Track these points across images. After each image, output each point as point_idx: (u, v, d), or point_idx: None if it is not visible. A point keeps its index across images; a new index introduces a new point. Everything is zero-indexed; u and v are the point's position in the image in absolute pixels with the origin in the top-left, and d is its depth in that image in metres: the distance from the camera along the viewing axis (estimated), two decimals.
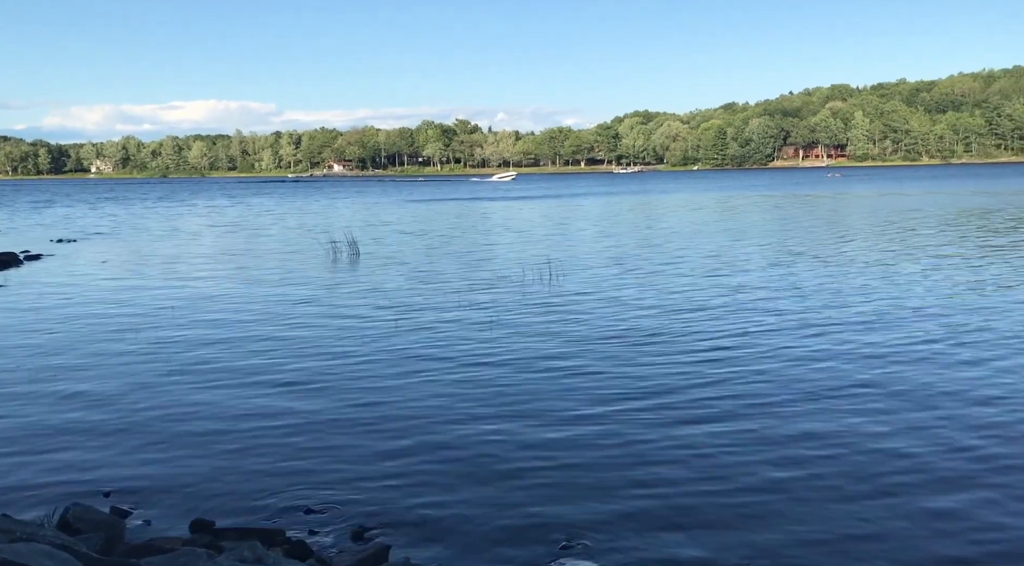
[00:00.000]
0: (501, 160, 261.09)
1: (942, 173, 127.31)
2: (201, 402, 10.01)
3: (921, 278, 18.86)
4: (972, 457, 7.66)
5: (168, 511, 6.90)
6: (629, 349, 12.29)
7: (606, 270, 21.60)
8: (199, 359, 12.25)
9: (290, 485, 7.37)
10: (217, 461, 8.01)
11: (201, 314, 16.16)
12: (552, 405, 9.58)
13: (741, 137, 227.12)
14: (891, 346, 12.09)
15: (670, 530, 6.34)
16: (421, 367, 11.48)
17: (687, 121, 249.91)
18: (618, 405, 9.51)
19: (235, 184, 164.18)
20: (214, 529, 6.39)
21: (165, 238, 36.78)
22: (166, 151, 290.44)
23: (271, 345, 13.13)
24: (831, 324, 13.75)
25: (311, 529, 6.48)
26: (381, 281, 20.37)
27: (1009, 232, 29.81)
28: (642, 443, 8.25)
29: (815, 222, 37.67)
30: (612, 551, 6.02)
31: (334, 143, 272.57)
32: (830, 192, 72.78)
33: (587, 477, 7.41)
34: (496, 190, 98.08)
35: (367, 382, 10.78)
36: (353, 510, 6.82)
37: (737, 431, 8.52)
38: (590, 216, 47.09)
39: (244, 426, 9.06)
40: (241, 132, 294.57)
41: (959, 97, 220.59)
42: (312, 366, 11.70)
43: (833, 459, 7.69)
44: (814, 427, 8.60)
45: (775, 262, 22.52)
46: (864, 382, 10.25)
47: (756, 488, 7.06)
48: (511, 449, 8.16)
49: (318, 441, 8.52)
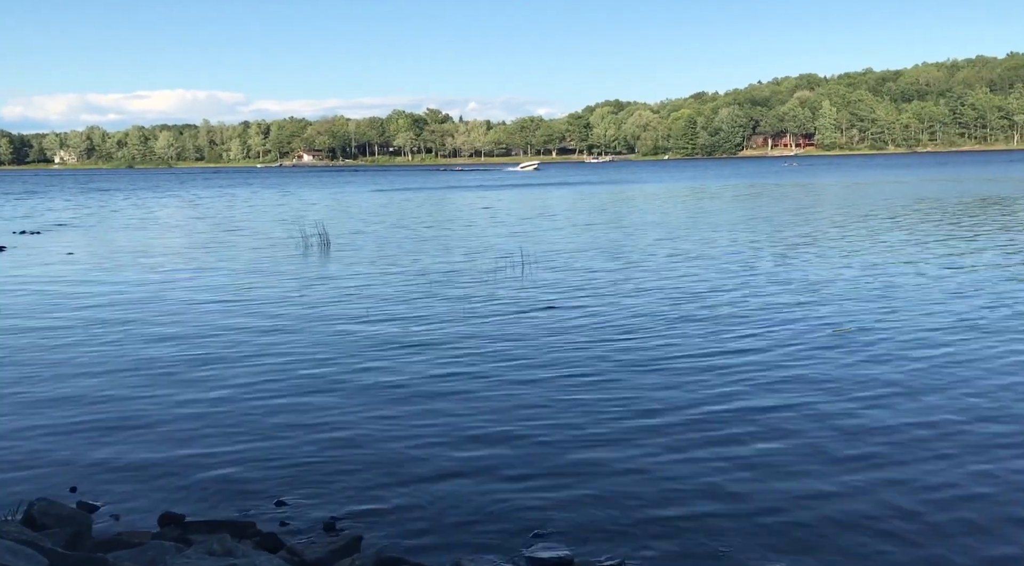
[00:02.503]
0: (473, 150, 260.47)
1: (898, 162, 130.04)
2: (169, 395, 9.89)
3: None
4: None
5: (137, 505, 6.82)
6: (602, 336, 12.36)
7: (589, 261, 21.67)
8: (165, 352, 12.10)
9: (261, 477, 7.32)
10: (187, 454, 7.93)
11: (166, 307, 15.96)
12: (522, 392, 9.60)
13: (711, 127, 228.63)
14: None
15: (644, 514, 6.39)
16: (393, 356, 11.45)
17: (658, 111, 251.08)
18: (591, 394, 9.55)
19: (203, 175, 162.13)
20: (183, 522, 6.33)
21: (132, 230, 36.25)
22: (132, 141, 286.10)
23: (240, 337, 13.00)
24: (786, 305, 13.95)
25: (282, 521, 6.44)
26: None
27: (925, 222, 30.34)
28: (616, 429, 8.29)
29: (778, 212, 38.10)
30: (585, 537, 6.05)
31: (303, 133, 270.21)
32: (789, 182, 73.68)
33: (560, 464, 7.44)
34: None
35: (337, 373, 10.72)
36: (325, 501, 6.80)
37: (707, 417, 8.60)
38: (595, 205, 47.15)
39: (213, 419, 8.98)
40: (209, 122, 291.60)
41: (924, 86, 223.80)
42: (282, 358, 11.62)
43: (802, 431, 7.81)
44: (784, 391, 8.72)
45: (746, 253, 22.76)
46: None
47: (727, 466, 7.14)
48: (482, 438, 8.17)
49: (289, 433, 8.47)
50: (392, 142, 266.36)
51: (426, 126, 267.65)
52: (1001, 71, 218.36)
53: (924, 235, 25.76)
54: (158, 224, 39.75)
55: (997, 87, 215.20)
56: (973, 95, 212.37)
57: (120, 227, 37.87)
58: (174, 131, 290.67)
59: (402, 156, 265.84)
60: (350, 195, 67.19)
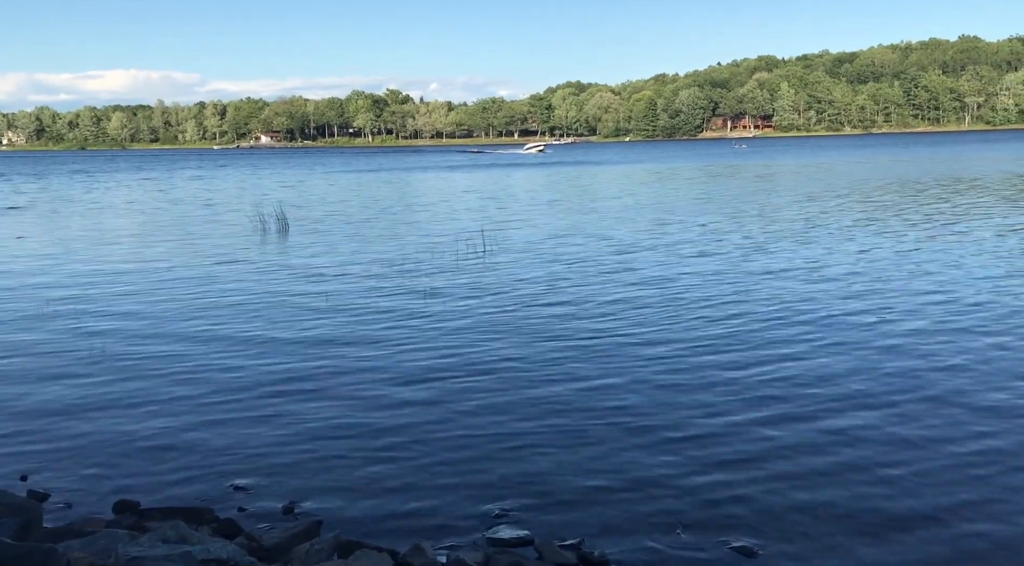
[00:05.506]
0: (434, 131, 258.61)
1: (848, 144, 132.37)
2: (124, 382, 9.71)
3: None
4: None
5: (91, 493, 6.70)
6: (556, 321, 12.40)
7: (545, 241, 21.70)
8: (119, 338, 11.87)
9: (219, 463, 7.23)
10: (142, 441, 7.80)
11: (120, 292, 15.64)
12: (480, 377, 9.60)
13: (671, 108, 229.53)
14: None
15: (604, 494, 6.43)
16: (350, 340, 11.37)
17: (618, 92, 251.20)
18: (556, 388, 9.58)
19: (158, 157, 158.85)
20: (139, 509, 6.24)
21: (86, 214, 35.41)
22: (84, 122, 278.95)
23: (195, 323, 12.81)
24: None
25: (240, 506, 6.38)
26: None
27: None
28: (570, 411, 8.34)
29: (737, 193, 38.48)
30: (544, 519, 6.08)
31: (261, 113, 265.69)
32: (739, 162, 74.58)
33: (521, 446, 7.45)
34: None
35: (297, 357, 10.62)
36: (283, 486, 6.74)
37: (668, 399, 8.69)
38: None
39: (170, 405, 8.84)
40: (164, 103, 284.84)
41: (879, 68, 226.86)
42: (238, 343, 11.46)
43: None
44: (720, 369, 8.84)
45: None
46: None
47: (682, 446, 7.22)
48: (442, 423, 8.15)
49: (247, 418, 8.37)
50: (352, 123, 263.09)
51: (387, 107, 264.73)
52: (953, 54, 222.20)
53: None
54: (112, 208, 38.88)
55: (949, 69, 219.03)
56: (926, 77, 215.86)
57: (77, 212, 36.95)
58: (128, 112, 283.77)
59: (362, 137, 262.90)
60: (352, 176, 66.37)
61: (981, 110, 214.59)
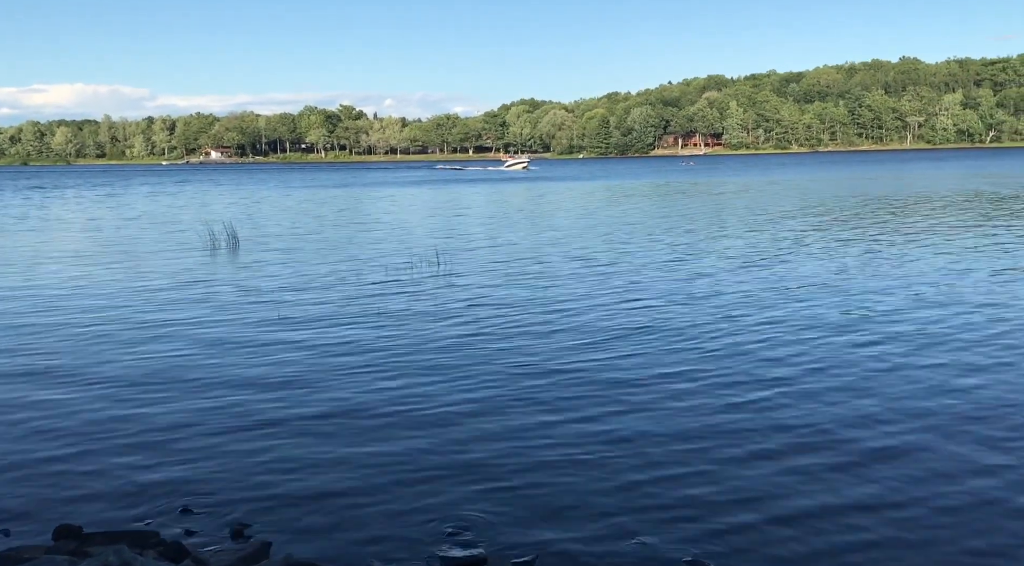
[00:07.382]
0: (388, 147, 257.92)
1: (792, 161, 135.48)
2: (66, 402, 9.44)
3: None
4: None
5: (29, 519, 6.48)
6: (520, 333, 12.40)
7: (498, 261, 21.70)
8: (62, 357, 11.55)
9: (166, 486, 7.06)
10: (85, 464, 7.58)
11: (63, 309, 15.23)
12: (436, 391, 9.54)
13: (623, 126, 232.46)
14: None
15: (553, 515, 6.43)
16: (302, 357, 11.22)
17: (572, 110, 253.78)
18: (513, 411, 9.57)
19: (103, 172, 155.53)
20: (81, 534, 6.05)
21: (25, 232, 34.45)
22: (26, 137, 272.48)
23: (140, 340, 12.52)
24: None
25: (188, 529, 6.23)
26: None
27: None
28: (527, 430, 8.32)
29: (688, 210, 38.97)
30: (497, 537, 6.05)
31: (211, 129, 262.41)
32: (688, 180, 75.80)
33: (474, 463, 7.41)
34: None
35: (246, 376, 10.44)
36: (232, 508, 6.60)
37: (634, 409, 8.73)
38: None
39: (114, 426, 8.61)
40: (111, 117, 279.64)
41: (824, 88, 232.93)
42: (189, 361, 11.24)
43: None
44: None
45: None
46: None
47: (651, 464, 7.26)
48: (393, 440, 8.08)
49: (194, 439, 8.19)
50: (304, 139, 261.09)
51: (340, 123, 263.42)
52: (895, 74, 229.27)
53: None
54: (55, 224, 37.91)
55: (891, 90, 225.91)
56: (869, 97, 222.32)
57: (12, 229, 35.93)
58: (73, 127, 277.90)
59: (315, 153, 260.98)
60: (309, 191, 65.59)
61: (922, 129, 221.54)
